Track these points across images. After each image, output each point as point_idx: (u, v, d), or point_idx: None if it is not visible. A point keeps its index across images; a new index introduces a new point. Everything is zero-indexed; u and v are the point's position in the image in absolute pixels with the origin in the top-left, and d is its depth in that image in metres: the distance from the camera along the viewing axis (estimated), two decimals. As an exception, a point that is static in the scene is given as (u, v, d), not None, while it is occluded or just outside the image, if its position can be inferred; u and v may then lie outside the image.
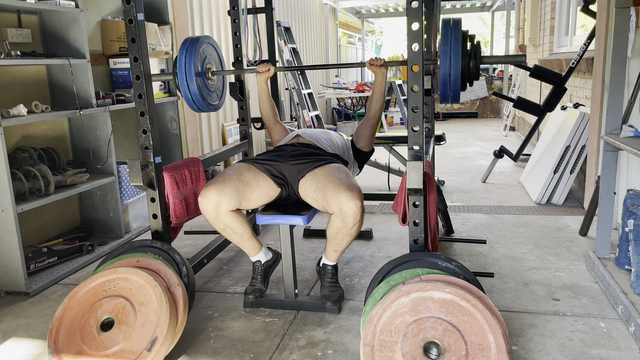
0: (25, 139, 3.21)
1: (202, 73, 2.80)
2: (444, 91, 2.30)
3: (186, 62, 2.67)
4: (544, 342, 2.13)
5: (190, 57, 2.68)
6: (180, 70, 2.68)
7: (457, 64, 2.22)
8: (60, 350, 1.98)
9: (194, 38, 2.76)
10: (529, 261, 2.95)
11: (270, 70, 2.85)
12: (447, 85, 2.26)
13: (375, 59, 2.65)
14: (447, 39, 2.22)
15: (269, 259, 2.58)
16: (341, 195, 2.20)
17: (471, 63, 2.31)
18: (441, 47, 2.22)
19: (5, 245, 2.72)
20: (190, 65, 2.68)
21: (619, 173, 3.26)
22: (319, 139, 2.70)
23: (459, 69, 2.23)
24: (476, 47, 2.32)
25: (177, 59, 2.70)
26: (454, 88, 2.27)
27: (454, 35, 2.22)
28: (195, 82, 2.69)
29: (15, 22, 3.10)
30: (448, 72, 2.23)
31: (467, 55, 2.29)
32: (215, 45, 2.97)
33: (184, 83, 2.68)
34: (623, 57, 2.52)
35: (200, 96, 2.74)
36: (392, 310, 1.84)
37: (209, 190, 2.32)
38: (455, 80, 2.24)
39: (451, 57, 2.21)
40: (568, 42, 5.58)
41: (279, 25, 6.48)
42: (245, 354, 2.14)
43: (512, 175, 5.24)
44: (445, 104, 2.44)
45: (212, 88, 2.94)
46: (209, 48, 2.90)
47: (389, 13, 13.59)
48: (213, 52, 2.95)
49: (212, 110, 2.94)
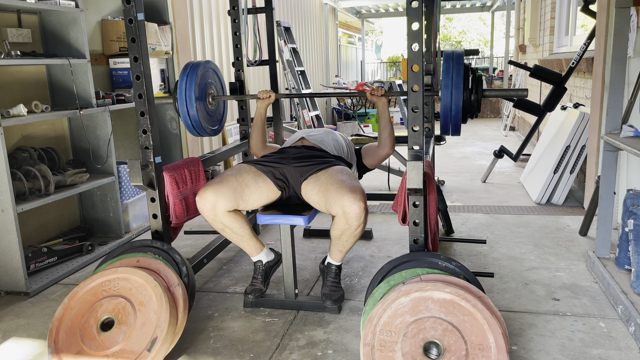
0: (25, 139, 3.21)
1: (203, 98, 2.82)
2: (444, 124, 2.30)
3: (187, 88, 2.69)
4: (544, 342, 2.13)
5: (190, 82, 2.70)
6: (181, 96, 2.69)
7: (458, 99, 2.22)
8: (60, 350, 1.98)
9: (195, 63, 2.78)
10: (529, 261, 2.95)
11: (272, 97, 2.87)
12: (448, 118, 2.27)
13: (376, 89, 2.67)
14: (449, 72, 2.22)
15: (270, 260, 2.58)
16: (344, 198, 2.20)
17: (472, 97, 2.31)
18: (442, 79, 2.23)
19: (5, 245, 2.72)
20: (191, 92, 2.69)
21: (619, 173, 3.26)
22: (323, 141, 2.70)
23: (460, 104, 2.23)
24: (477, 81, 2.32)
25: (178, 84, 2.71)
26: (454, 122, 2.28)
27: (456, 69, 2.23)
28: (195, 107, 2.70)
29: (15, 22, 3.10)
30: (449, 106, 2.23)
31: (469, 90, 2.30)
32: (216, 69, 2.99)
33: (184, 109, 2.69)
34: (623, 57, 2.52)
35: (199, 121, 2.77)
36: (392, 310, 1.84)
37: (206, 190, 2.33)
38: (456, 114, 2.25)
39: (452, 92, 2.22)
40: (568, 42, 5.58)
41: (279, 25, 6.48)
42: (245, 353, 2.14)
43: (512, 175, 5.24)
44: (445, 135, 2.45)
45: (213, 113, 2.94)
46: (210, 73, 2.91)
47: (389, 13, 13.59)
48: (214, 76, 2.96)
49: (211, 135, 2.95)
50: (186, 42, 4.45)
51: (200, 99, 2.77)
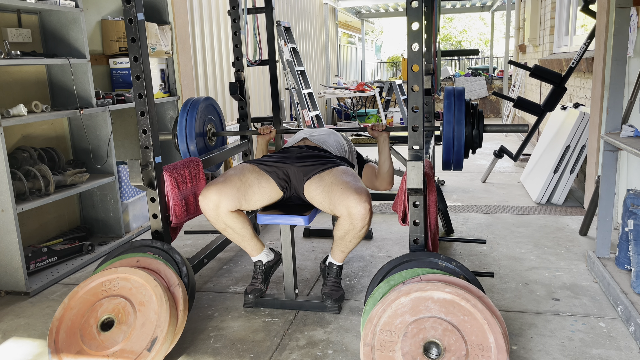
0: (25, 139, 3.21)
1: (203, 134, 2.82)
2: (447, 160, 2.32)
3: (187, 124, 2.69)
4: (544, 341, 2.13)
5: (191, 118, 2.71)
6: (181, 133, 2.69)
7: (460, 135, 2.24)
8: (60, 350, 1.98)
9: (195, 100, 2.79)
10: (529, 261, 2.95)
11: (272, 132, 2.90)
12: (450, 154, 2.29)
13: (377, 125, 2.67)
14: (450, 109, 2.24)
15: (270, 260, 2.58)
16: (349, 199, 2.20)
17: (474, 132, 2.33)
18: (444, 115, 2.25)
19: (5, 245, 2.72)
20: (191, 127, 2.70)
21: (619, 173, 3.26)
22: (325, 142, 2.70)
23: (463, 140, 2.25)
24: (479, 116, 2.34)
25: (178, 121, 2.72)
26: (457, 157, 2.30)
27: (457, 105, 2.24)
28: (196, 143, 2.71)
29: (15, 22, 3.10)
30: (452, 143, 2.25)
31: (470, 124, 2.31)
32: (215, 105, 3.00)
33: (184, 144, 2.70)
34: (623, 57, 2.52)
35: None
36: (392, 310, 1.84)
37: (209, 190, 2.33)
38: (458, 150, 2.27)
39: (454, 127, 2.23)
40: (568, 42, 5.58)
41: (279, 25, 6.48)
42: (245, 353, 2.14)
43: (512, 175, 5.24)
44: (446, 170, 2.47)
45: (212, 147, 2.95)
46: (210, 109, 2.92)
47: (389, 13, 13.59)
48: (214, 112, 2.97)
49: (211, 171, 2.96)
50: (186, 42, 4.45)
51: (200, 135, 2.78)
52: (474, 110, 2.35)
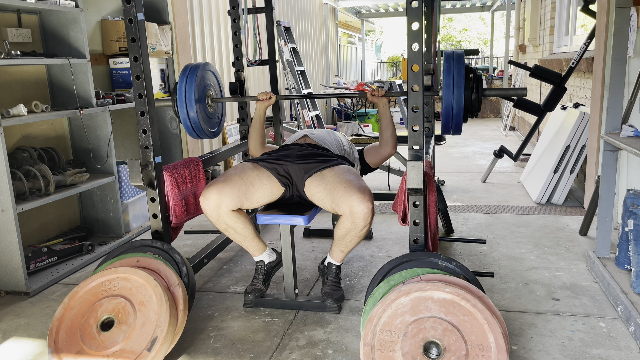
0: (25, 139, 3.21)
1: (202, 100, 2.81)
2: (446, 123, 2.31)
3: (186, 90, 2.68)
4: (544, 341, 2.13)
5: (190, 84, 2.70)
6: (180, 98, 2.69)
7: (460, 98, 2.23)
8: (60, 350, 1.98)
9: (194, 65, 2.78)
10: (529, 261, 2.95)
11: (272, 98, 2.86)
12: (449, 118, 2.27)
13: (376, 89, 2.66)
14: (450, 72, 2.23)
15: (272, 260, 2.57)
16: (352, 197, 2.20)
17: (473, 96, 2.32)
18: (444, 79, 2.23)
19: (5, 245, 2.72)
20: (191, 93, 2.69)
21: (619, 173, 3.26)
22: (325, 140, 2.69)
23: (462, 104, 2.24)
24: (478, 80, 2.33)
25: (177, 86, 2.71)
26: (456, 121, 2.28)
27: (457, 69, 2.23)
28: (195, 109, 2.70)
29: (15, 22, 3.10)
30: (451, 106, 2.24)
31: (470, 88, 2.30)
32: (215, 72, 2.99)
33: (184, 110, 2.69)
34: (623, 57, 2.52)
35: (199, 123, 2.77)
36: (392, 310, 1.84)
37: (210, 190, 2.32)
38: (458, 113, 2.25)
39: (454, 91, 2.22)
40: (568, 42, 5.58)
41: (279, 25, 6.48)
42: (245, 353, 2.14)
43: (512, 175, 5.24)
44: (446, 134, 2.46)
45: (212, 115, 2.94)
46: (209, 75, 2.91)
47: (389, 13, 13.59)
48: (213, 78, 2.97)
49: (211, 137, 2.96)
50: (186, 42, 4.45)
51: (199, 101, 2.77)
52: (474, 74, 2.34)
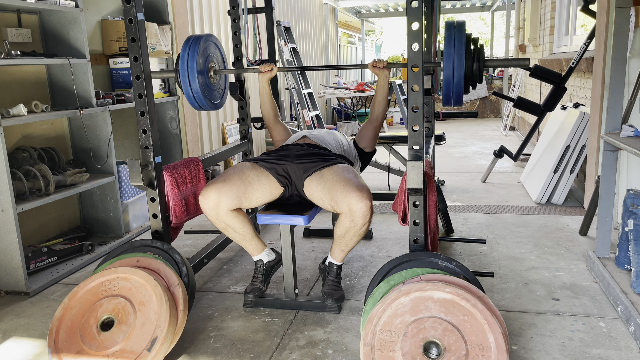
0: (25, 139, 3.21)
1: (205, 71, 2.79)
2: (447, 93, 2.28)
3: (188, 60, 2.66)
4: (544, 341, 2.13)
5: (192, 54, 2.67)
6: (183, 68, 2.66)
7: (460, 66, 2.20)
8: (60, 350, 1.98)
9: (197, 36, 2.75)
10: (529, 261, 2.95)
11: (273, 70, 2.85)
12: (450, 87, 2.24)
13: (378, 60, 2.64)
14: (450, 41, 2.20)
15: (271, 260, 2.58)
16: (351, 196, 2.20)
17: (474, 66, 2.30)
18: (444, 49, 2.20)
19: (5, 245, 2.72)
20: (193, 63, 2.66)
21: (619, 173, 3.26)
22: (325, 140, 2.70)
23: (463, 71, 2.21)
24: (479, 50, 2.30)
25: (180, 56, 2.69)
26: (457, 90, 2.26)
27: (458, 37, 2.21)
28: (197, 80, 2.68)
29: (15, 22, 3.10)
30: (451, 75, 2.21)
31: (471, 58, 2.28)
32: (218, 43, 2.96)
33: (186, 80, 2.67)
34: (623, 57, 2.52)
35: (201, 94, 2.73)
36: (392, 310, 1.84)
37: (209, 189, 2.33)
38: (458, 82, 2.23)
39: (455, 59, 2.20)
40: (568, 42, 5.58)
41: (279, 25, 6.48)
42: (245, 353, 2.14)
43: (512, 175, 5.24)
44: (447, 106, 2.43)
45: (214, 87, 2.93)
46: (212, 46, 2.89)
47: (389, 13, 13.59)
48: (216, 50, 2.94)
49: (213, 108, 2.94)
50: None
51: (202, 72, 2.75)
52: (475, 44, 2.31)
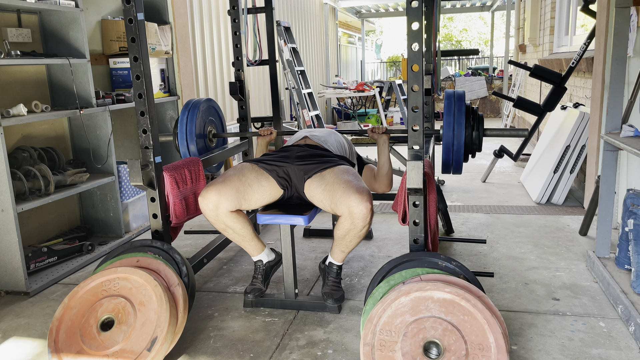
0: (25, 139, 3.21)
1: (203, 135, 2.83)
2: (446, 160, 2.32)
3: (187, 124, 2.71)
4: (544, 341, 2.13)
5: (192, 119, 2.73)
6: (181, 132, 2.70)
7: (460, 134, 2.24)
8: (60, 350, 1.98)
9: (197, 101, 2.81)
10: (529, 261, 2.95)
11: (272, 134, 2.92)
12: (450, 155, 2.29)
13: (377, 127, 2.67)
14: (450, 110, 2.24)
15: (271, 260, 2.58)
16: (351, 198, 2.20)
17: (474, 134, 2.33)
18: (444, 117, 2.25)
19: (5, 245, 2.72)
20: (192, 127, 2.71)
21: (619, 173, 3.26)
22: (326, 141, 2.70)
23: (462, 140, 2.25)
24: (479, 119, 2.34)
25: (179, 121, 2.73)
26: (456, 158, 2.29)
27: (458, 106, 2.24)
28: (196, 143, 2.72)
29: (15, 22, 3.10)
30: (451, 142, 2.24)
31: (470, 127, 2.31)
32: (217, 107, 3.01)
33: (184, 144, 2.72)
34: (623, 57, 2.52)
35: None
36: (392, 310, 1.84)
37: (208, 191, 2.33)
38: (458, 150, 2.26)
39: (454, 128, 2.23)
40: (568, 42, 5.58)
41: (279, 24, 6.48)
42: (245, 353, 2.14)
43: (512, 175, 5.24)
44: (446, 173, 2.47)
45: (213, 149, 2.96)
46: (211, 110, 2.93)
47: (389, 13, 13.59)
48: (215, 114, 2.98)
49: (211, 172, 2.97)
50: (186, 42, 4.45)
51: (200, 136, 2.78)
52: (474, 114, 2.35)
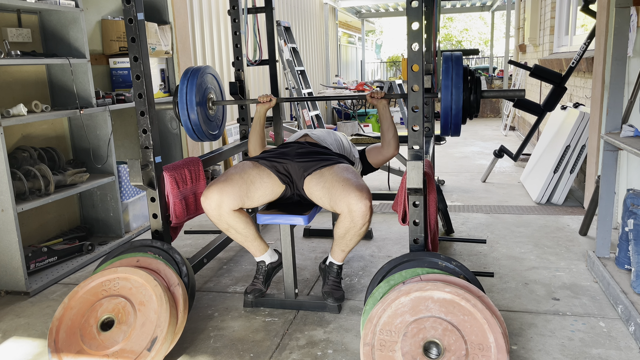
0: (25, 139, 3.21)
1: (203, 103, 2.82)
2: (445, 124, 2.32)
3: (187, 92, 2.70)
4: (543, 341, 2.13)
5: (191, 87, 2.71)
6: (181, 100, 2.70)
7: (458, 98, 2.23)
8: (61, 350, 1.98)
9: (195, 68, 2.79)
10: (529, 261, 2.95)
11: (272, 101, 2.86)
12: (448, 118, 2.28)
13: (375, 92, 2.66)
14: (448, 73, 2.24)
15: (273, 261, 2.57)
16: (350, 196, 2.20)
17: (472, 97, 2.33)
18: (442, 81, 2.24)
19: (5, 245, 2.72)
20: (192, 95, 2.70)
21: (619, 173, 3.26)
22: (325, 140, 2.70)
23: (461, 103, 2.24)
24: (476, 82, 2.34)
25: (178, 89, 2.72)
26: (455, 122, 2.29)
27: (455, 70, 2.24)
28: (196, 111, 2.71)
29: (15, 22, 3.10)
30: (449, 106, 2.25)
31: (468, 90, 2.31)
32: (216, 75, 3.00)
33: (185, 112, 2.71)
34: (623, 57, 2.52)
35: (200, 126, 2.78)
36: (392, 310, 1.84)
37: (211, 190, 2.33)
38: (456, 114, 2.26)
39: (452, 91, 2.23)
40: (568, 42, 5.58)
41: (279, 24, 6.48)
42: (245, 353, 2.14)
43: (512, 174, 5.24)
44: (445, 135, 2.46)
45: (212, 117, 2.95)
46: (210, 78, 2.92)
47: (389, 13, 13.59)
48: (214, 81, 2.97)
49: (211, 139, 2.96)
50: (186, 41, 4.45)
51: (200, 104, 2.78)
52: (472, 76, 2.35)
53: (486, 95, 2.38)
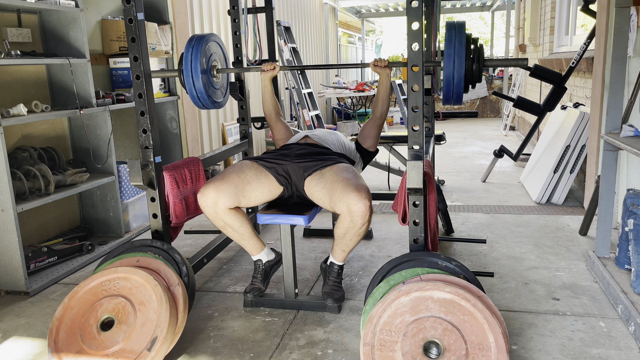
0: (25, 139, 3.21)
1: (208, 70, 2.81)
2: (447, 93, 2.30)
3: (192, 59, 2.68)
4: (543, 341, 2.13)
5: (196, 54, 2.69)
6: (186, 67, 2.68)
7: (460, 66, 2.22)
8: (61, 350, 1.98)
9: (200, 36, 2.77)
10: (529, 261, 2.95)
11: (275, 68, 2.88)
12: (450, 87, 2.26)
13: (379, 59, 2.67)
14: (451, 41, 2.22)
15: (270, 259, 2.58)
16: (350, 196, 2.20)
17: (474, 66, 2.31)
18: (445, 49, 2.22)
19: (5, 244, 2.72)
20: (197, 63, 2.68)
21: (619, 173, 3.26)
22: (326, 140, 2.70)
23: (463, 72, 2.23)
24: (479, 50, 2.32)
25: (183, 56, 2.70)
26: (457, 90, 2.27)
27: (458, 38, 2.22)
28: (201, 79, 2.70)
29: (15, 22, 3.10)
30: (452, 75, 2.23)
31: (470, 58, 2.30)
32: (220, 43, 2.98)
33: (190, 80, 2.69)
34: (623, 57, 2.52)
35: (205, 93, 2.76)
36: (392, 310, 1.84)
37: (207, 188, 2.33)
38: (458, 82, 2.25)
39: (455, 60, 2.22)
40: (568, 42, 5.58)
41: (279, 24, 6.48)
42: (245, 353, 2.14)
43: (512, 174, 5.24)
44: (447, 105, 2.45)
45: (217, 85, 2.95)
46: (215, 46, 2.91)
47: (389, 13, 13.58)
48: (218, 49, 2.96)
49: (216, 107, 2.96)
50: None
51: (205, 71, 2.77)
52: (475, 44, 2.33)
53: (489, 64, 2.36)
